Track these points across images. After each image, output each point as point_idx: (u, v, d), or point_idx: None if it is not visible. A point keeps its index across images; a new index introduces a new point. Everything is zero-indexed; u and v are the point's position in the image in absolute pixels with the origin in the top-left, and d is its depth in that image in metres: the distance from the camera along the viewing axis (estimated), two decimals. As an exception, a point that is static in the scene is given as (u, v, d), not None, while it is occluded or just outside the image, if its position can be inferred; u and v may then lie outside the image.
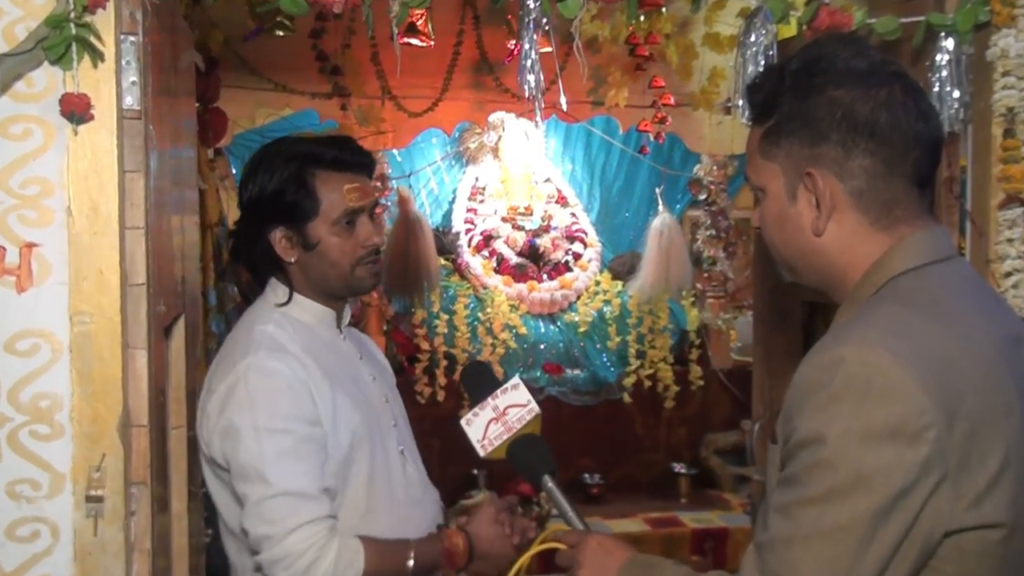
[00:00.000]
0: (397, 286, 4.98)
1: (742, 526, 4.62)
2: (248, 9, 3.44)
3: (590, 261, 5.54)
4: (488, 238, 5.45)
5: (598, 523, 4.52)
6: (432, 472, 2.20)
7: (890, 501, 1.14)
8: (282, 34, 3.72)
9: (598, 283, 5.53)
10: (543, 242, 5.47)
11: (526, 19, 2.05)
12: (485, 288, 5.32)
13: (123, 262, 1.75)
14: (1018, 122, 2.08)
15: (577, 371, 5.27)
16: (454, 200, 5.57)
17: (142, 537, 1.78)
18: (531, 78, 2.17)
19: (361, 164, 2.00)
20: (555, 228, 5.55)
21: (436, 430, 2.39)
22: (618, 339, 5.33)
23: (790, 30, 2.11)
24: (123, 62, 1.75)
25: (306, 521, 1.78)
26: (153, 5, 1.83)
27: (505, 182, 5.53)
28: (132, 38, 1.77)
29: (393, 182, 5.10)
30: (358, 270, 1.98)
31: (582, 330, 5.34)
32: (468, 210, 5.51)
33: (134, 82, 1.76)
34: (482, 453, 1.78)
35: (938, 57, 2.13)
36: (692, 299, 5.46)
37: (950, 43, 2.12)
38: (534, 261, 5.45)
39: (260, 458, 1.80)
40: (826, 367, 1.19)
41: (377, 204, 2.06)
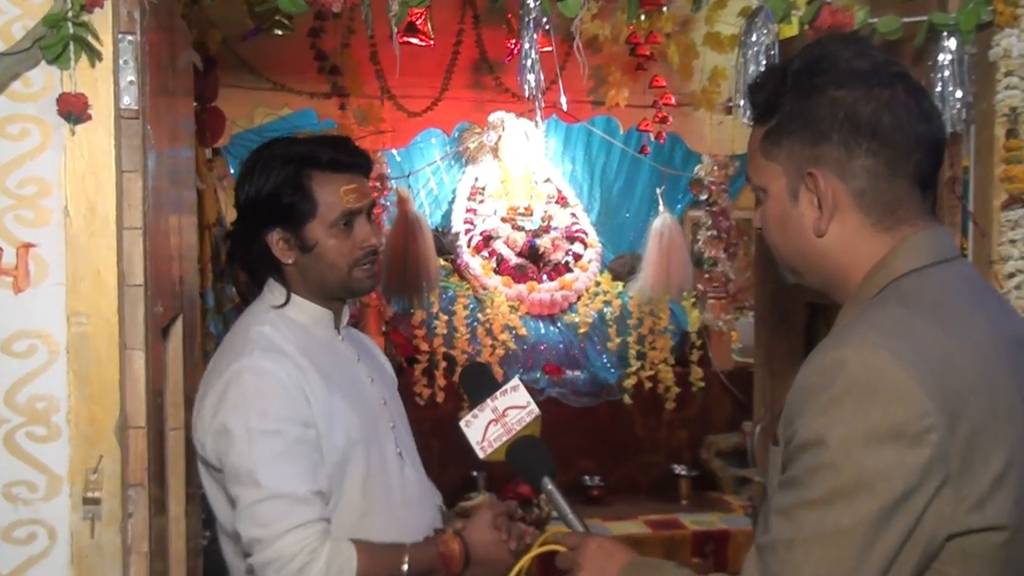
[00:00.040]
0: (396, 287, 4.96)
1: (743, 528, 4.59)
2: (246, 8, 3.44)
3: (590, 262, 5.53)
4: (488, 238, 5.44)
5: (598, 525, 4.50)
6: (431, 474, 2.19)
7: (892, 504, 1.13)
8: (281, 33, 3.72)
9: (598, 284, 5.52)
10: (543, 242, 5.46)
11: (526, 18, 2.05)
12: (485, 289, 5.31)
13: (120, 263, 1.75)
14: (1021, 122, 2.08)
15: (577, 372, 5.26)
16: (453, 200, 5.56)
17: (139, 540, 1.78)
18: (531, 78, 2.17)
19: (358, 164, 1.99)
20: (555, 228, 5.53)
21: (435, 431, 2.38)
22: (618, 340, 5.32)
23: (792, 29, 2.11)
24: (121, 61, 1.75)
25: (298, 524, 1.77)
26: (151, 4, 1.83)
27: (505, 182, 5.52)
28: (130, 37, 1.76)
29: (392, 182, 5.08)
30: (356, 272, 1.97)
31: (582, 331, 5.33)
32: (468, 210, 5.50)
33: (132, 81, 1.76)
34: (481, 455, 1.77)
35: (940, 57, 2.13)
36: (693, 300, 5.45)
37: (952, 43, 2.12)
38: (534, 262, 5.44)
39: (252, 460, 1.79)
40: (828, 369, 1.18)
41: (375, 204, 2.05)
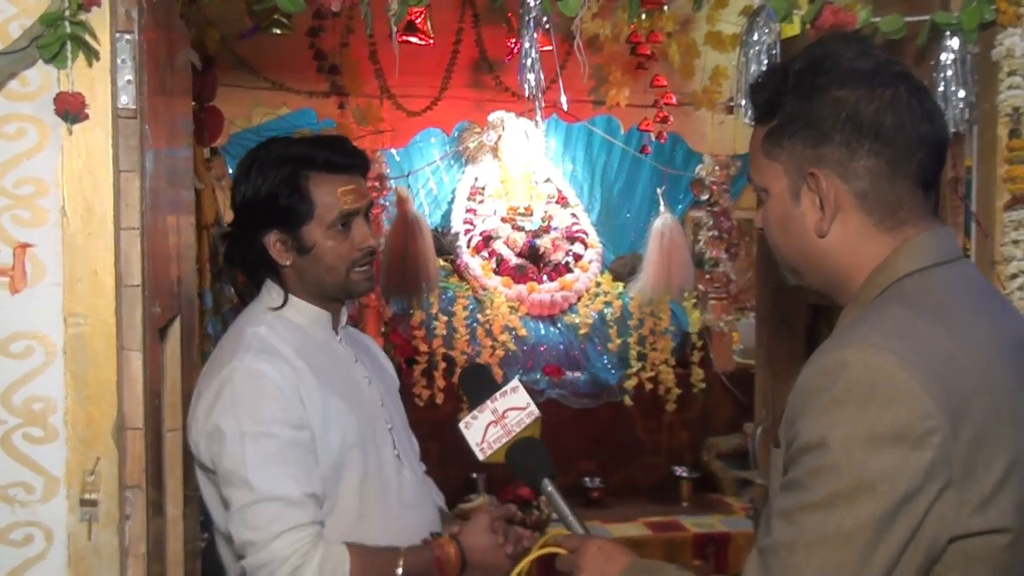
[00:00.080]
0: (395, 287, 4.96)
1: (744, 530, 4.58)
2: (245, 7, 3.43)
3: (591, 262, 5.52)
4: (488, 239, 5.43)
5: (598, 527, 4.49)
6: (431, 475, 2.18)
7: (895, 506, 1.13)
8: (279, 32, 3.71)
9: (599, 284, 5.51)
10: (543, 243, 5.45)
11: (526, 17, 2.05)
12: (484, 289, 5.30)
13: (118, 263, 1.74)
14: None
15: (577, 373, 5.25)
16: (453, 200, 5.55)
17: (137, 542, 1.77)
18: (531, 77, 2.17)
19: (355, 165, 1.98)
20: (555, 229, 5.53)
21: (434, 433, 2.37)
22: (619, 341, 5.31)
23: (793, 29, 2.11)
24: (118, 60, 1.75)
25: (290, 527, 1.77)
26: (149, 3, 1.83)
27: (505, 182, 5.52)
28: (128, 36, 1.76)
29: (391, 182, 5.08)
30: (353, 274, 1.96)
31: (582, 332, 5.32)
32: (467, 210, 5.49)
33: (129, 81, 1.76)
34: (481, 457, 1.76)
35: (943, 56, 2.13)
36: (694, 301, 5.44)
37: (955, 42, 2.11)
38: (534, 262, 5.43)
39: (244, 463, 1.79)
40: (829, 370, 1.18)
41: (372, 205, 2.04)
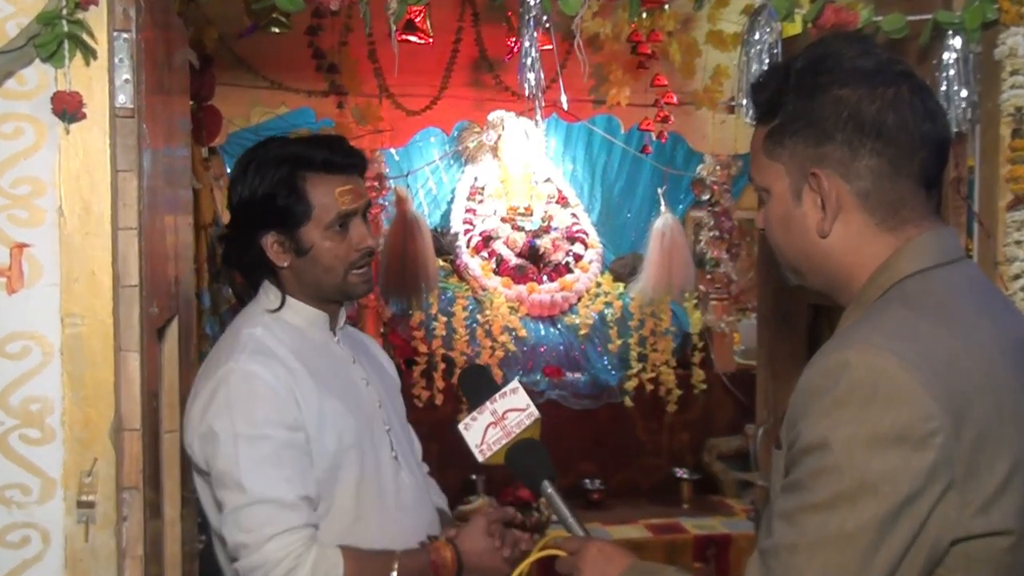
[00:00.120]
0: (394, 288, 4.95)
1: (745, 532, 4.56)
2: (243, 6, 3.42)
3: (591, 262, 5.51)
4: (487, 239, 5.42)
5: (599, 529, 4.48)
6: (432, 476, 2.18)
7: (897, 508, 1.12)
8: (278, 31, 3.71)
9: (599, 285, 5.50)
10: (543, 243, 5.44)
11: (526, 16, 2.04)
12: (484, 290, 5.29)
13: (115, 263, 1.74)
14: (1026, 122, 2.07)
15: (578, 374, 5.24)
16: (453, 200, 5.54)
17: (134, 543, 1.77)
18: (531, 76, 2.17)
19: (353, 165, 1.97)
20: (555, 229, 5.52)
21: (434, 434, 2.36)
22: (619, 342, 5.30)
23: (795, 28, 2.10)
24: (116, 59, 1.75)
25: (284, 530, 1.76)
26: (147, 1, 1.83)
27: (505, 182, 5.51)
28: (125, 35, 1.76)
29: (391, 182, 5.07)
30: (351, 276, 1.95)
31: (583, 333, 5.31)
32: (467, 210, 5.48)
33: (127, 80, 1.76)
34: (480, 458, 1.76)
35: (945, 56, 2.12)
36: (695, 301, 5.44)
37: (958, 41, 2.11)
38: (534, 262, 5.42)
39: (237, 465, 1.78)
40: (831, 371, 1.18)
41: (370, 205, 2.03)
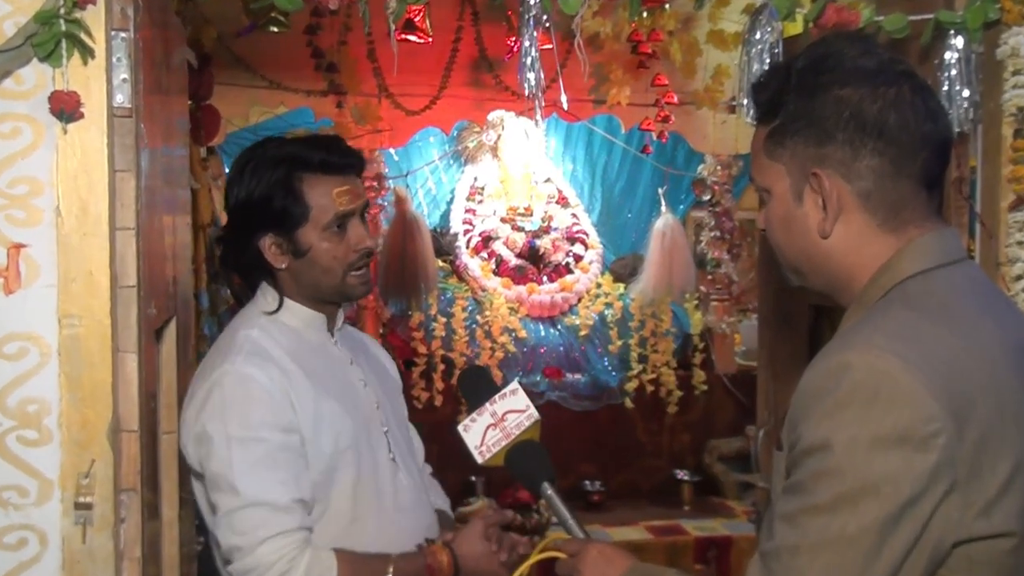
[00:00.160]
0: (394, 288, 4.95)
1: (746, 534, 4.57)
2: (242, 5, 3.41)
3: (591, 263, 5.51)
4: (487, 239, 5.42)
5: (599, 531, 4.48)
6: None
7: (899, 509, 1.12)
8: (276, 30, 3.71)
9: (599, 285, 5.50)
10: (543, 243, 5.44)
11: (526, 15, 2.04)
12: (484, 290, 5.29)
13: (113, 263, 1.73)
14: (1028, 122, 2.07)
15: (578, 375, 5.24)
16: (452, 200, 5.54)
17: (132, 545, 1.76)
18: (531, 76, 2.17)
19: (350, 165, 1.96)
20: (555, 229, 5.52)
21: (433, 435, 2.36)
22: (620, 343, 5.30)
23: (796, 27, 2.10)
24: (114, 59, 1.74)
25: (277, 532, 1.75)
26: (145, 0, 1.81)
27: (504, 182, 5.50)
28: (123, 34, 1.75)
29: (390, 182, 5.07)
30: (350, 278, 1.94)
31: (583, 333, 5.31)
32: (467, 210, 5.48)
33: (125, 79, 1.75)
34: (480, 460, 1.75)
35: (947, 56, 2.12)
36: (695, 302, 5.43)
37: (959, 41, 2.11)
38: (534, 263, 5.42)
39: (231, 467, 1.78)
40: (832, 372, 1.18)
41: (369, 205, 2.03)
